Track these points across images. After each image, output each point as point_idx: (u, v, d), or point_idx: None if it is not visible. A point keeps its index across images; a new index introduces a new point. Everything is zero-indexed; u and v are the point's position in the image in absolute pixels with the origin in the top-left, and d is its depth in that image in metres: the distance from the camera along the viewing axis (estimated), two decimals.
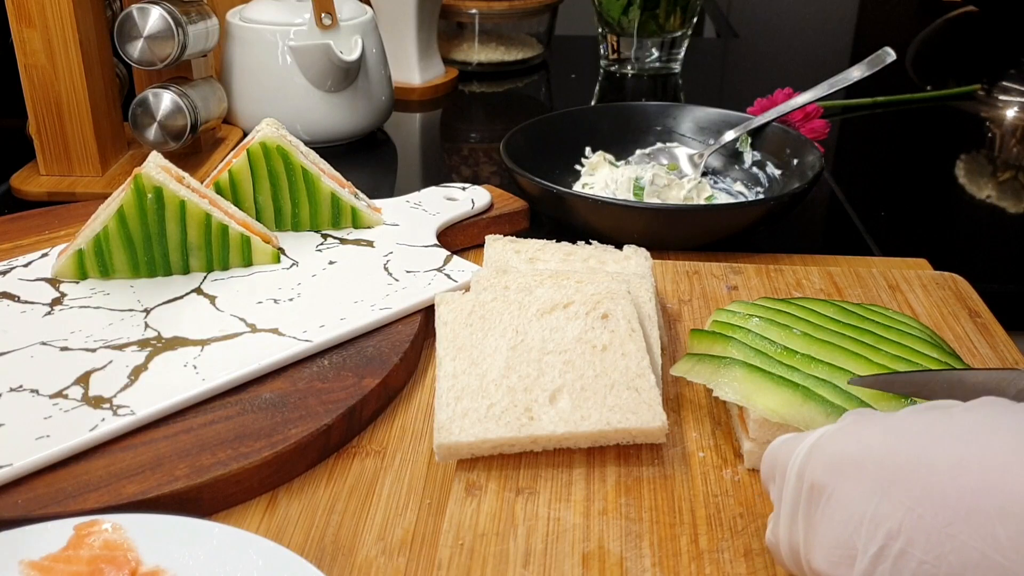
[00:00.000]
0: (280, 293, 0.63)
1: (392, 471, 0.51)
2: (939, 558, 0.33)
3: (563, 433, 0.48)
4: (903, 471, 0.35)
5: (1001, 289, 0.74)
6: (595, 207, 0.73)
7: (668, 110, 0.92)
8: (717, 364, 0.51)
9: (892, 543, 0.34)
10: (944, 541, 0.32)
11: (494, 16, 1.28)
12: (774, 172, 0.85)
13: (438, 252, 0.69)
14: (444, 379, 0.52)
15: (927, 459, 0.34)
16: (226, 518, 0.47)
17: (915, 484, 0.34)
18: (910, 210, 0.90)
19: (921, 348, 0.53)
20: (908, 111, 1.19)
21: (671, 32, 1.28)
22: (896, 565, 0.34)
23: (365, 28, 0.98)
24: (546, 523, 0.45)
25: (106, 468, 0.48)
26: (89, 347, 0.57)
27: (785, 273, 0.69)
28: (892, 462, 0.35)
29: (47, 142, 0.84)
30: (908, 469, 0.34)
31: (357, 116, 0.99)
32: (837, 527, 0.36)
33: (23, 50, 0.80)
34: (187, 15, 0.85)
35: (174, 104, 0.85)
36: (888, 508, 0.34)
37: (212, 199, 0.66)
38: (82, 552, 0.42)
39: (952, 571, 0.32)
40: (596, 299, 0.56)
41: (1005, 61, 1.32)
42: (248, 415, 0.52)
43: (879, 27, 1.71)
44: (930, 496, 0.33)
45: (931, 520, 0.33)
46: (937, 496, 0.33)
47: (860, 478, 0.36)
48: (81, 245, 0.64)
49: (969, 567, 0.32)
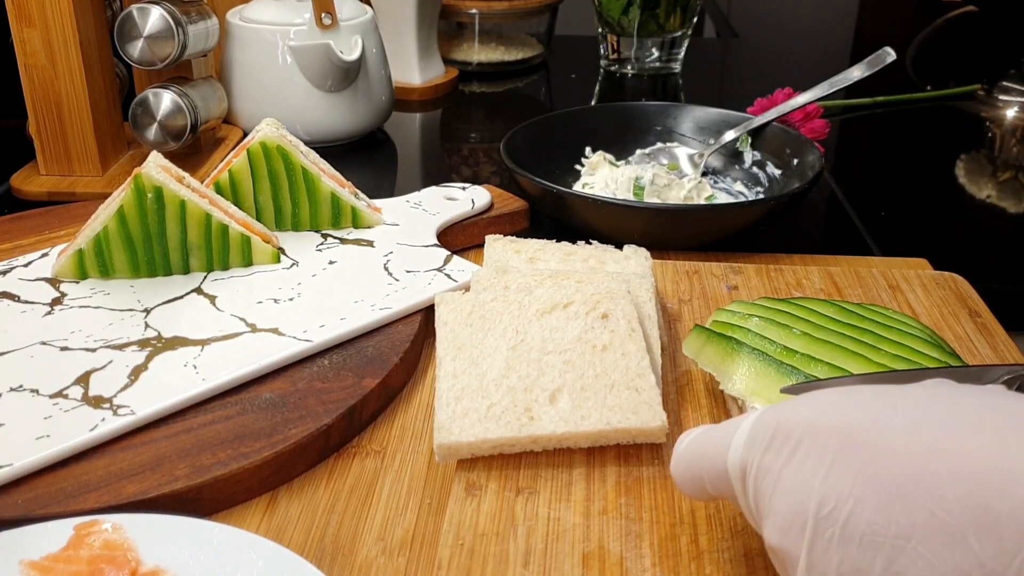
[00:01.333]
0: (280, 293, 0.63)
1: (392, 471, 0.51)
2: (888, 519, 0.33)
3: (563, 433, 0.48)
4: (856, 435, 0.35)
5: (1001, 289, 0.74)
6: (595, 207, 0.73)
7: (668, 110, 0.92)
8: (726, 348, 0.51)
9: (843, 505, 0.34)
10: (894, 502, 0.33)
11: (494, 16, 1.28)
12: (774, 172, 0.85)
13: (438, 252, 0.69)
14: (444, 379, 0.52)
15: (881, 426, 0.34)
16: (226, 518, 0.47)
17: (868, 447, 0.34)
18: (910, 210, 0.90)
19: (921, 348, 0.53)
20: (908, 111, 1.19)
21: (671, 32, 1.28)
22: (846, 527, 0.34)
23: (365, 28, 0.98)
24: (546, 523, 0.45)
25: (106, 468, 0.48)
26: (89, 347, 0.57)
27: (785, 273, 0.69)
28: (846, 429, 0.35)
29: (47, 142, 0.84)
30: (861, 433, 0.34)
31: (357, 116, 0.99)
32: (788, 496, 0.36)
33: (23, 50, 0.80)
34: (187, 15, 0.85)
35: (174, 104, 0.85)
36: (840, 471, 0.34)
37: (212, 199, 0.66)
38: (82, 552, 0.42)
39: (901, 531, 0.32)
40: (596, 299, 0.56)
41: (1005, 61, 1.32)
42: (248, 415, 0.52)
43: (879, 27, 1.71)
44: (882, 458, 0.33)
45: (882, 481, 0.33)
46: (889, 458, 0.33)
47: (812, 447, 0.35)
48: (81, 245, 0.64)
49: (918, 527, 0.32)
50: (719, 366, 0.52)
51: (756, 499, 0.38)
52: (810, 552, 0.35)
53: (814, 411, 0.37)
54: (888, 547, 0.33)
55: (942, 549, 0.32)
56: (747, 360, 0.51)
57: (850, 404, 0.36)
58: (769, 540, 0.37)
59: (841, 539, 0.34)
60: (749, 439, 0.38)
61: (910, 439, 0.33)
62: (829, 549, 0.34)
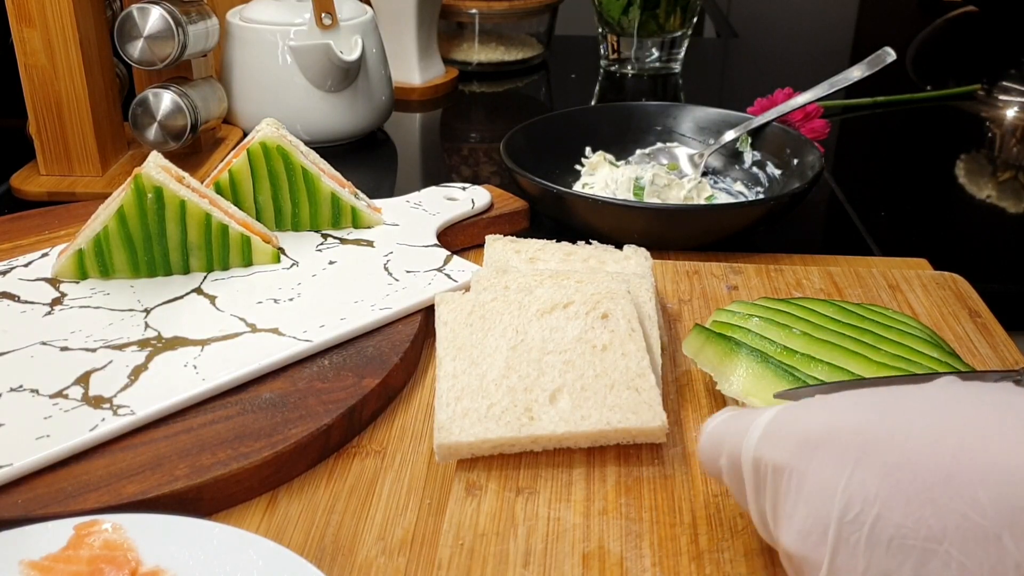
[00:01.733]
0: (280, 293, 0.63)
1: (392, 471, 0.51)
2: (918, 522, 0.32)
3: (563, 433, 0.48)
4: (879, 439, 0.34)
5: (1001, 289, 0.74)
6: (595, 207, 0.73)
7: (668, 110, 0.92)
8: (725, 348, 0.51)
9: (869, 509, 0.33)
10: (924, 505, 0.32)
11: (494, 16, 1.28)
12: (774, 172, 0.85)
13: (438, 252, 0.69)
14: (444, 379, 0.52)
15: (903, 427, 0.34)
16: (226, 518, 0.47)
17: (892, 451, 0.34)
18: (910, 210, 0.90)
19: (921, 348, 0.53)
20: (908, 111, 1.19)
21: (671, 32, 1.28)
22: (873, 530, 0.33)
23: (365, 28, 0.98)
24: (546, 523, 0.45)
25: (106, 468, 0.48)
26: (89, 347, 0.57)
27: (785, 273, 0.69)
28: (867, 431, 0.35)
29: (47, 142, 0.84)
30: (884, 437, 0.34)
31: (357, 116, 0.99)
32: (808, 502, 0.35)
33: (23, 50, 0.80)
34: (187, 15, 0.85)
35: (174, 104, 0.85)
36: (863, 475, 0.34)
37: (212, 199, 0.66)
38: (82, 552, 0.42)
39: (931, 534, 0.32)
40: (596, 299, 0.56)
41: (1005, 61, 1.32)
42: (248, 415, 0.52)
43: (879, 27, 1.71)
44: (908, 462, 0.33)
45: (909, 485, 0.33)
46: (915, 462, 0.33)
47: (832, 450, 0.35)
48: (81, 245, 0.64)
49: (949, 530, 0.32)
50: (717, 366, 0.52)
51: (774, 502, 0.37)
52: (833, 558, 0.34)
53: (832, 414, 0.36)
54: (919, 551, 0.32)
55: (976, 550, 0.31)
56: (745, 361, 0.51)
57: (868, 406, 0.36)
58: (787, 546, 0.36)
59: (868, 544, 0.33)
60: (764, 435, 0.38)
61: (934, 441, 0.33)
62: (855, 555, 0.34)
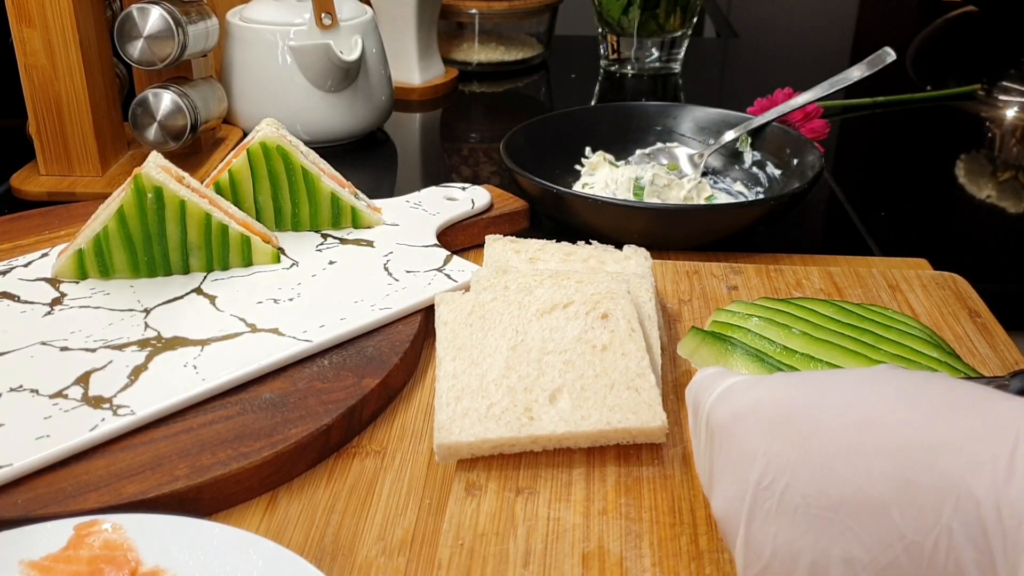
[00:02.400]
0: (280, 293, 0.63)
1: (392, 471, 0.51)
2: (820, 491, 0.33)
3: (563, 433, 0.48)
4: (796, 410, 0.35)
5: (1001, 289, 0.74)
6: (595, 207, 0.73)
7: (668, 110, 0.92)
8: (722, 348, 0.51)
9: (781, 477, 0.34)
10: (826, 475, 0.33)
11: (494, 16, 1.28)
12: (774, 172, 0.85)
13: (438, 252, 0.69)
14: (444, 379, 0.52)
15: (819, 400, 0.35)
16: (226, 518, 0.47)
17: (806, 421, 0.35)
18: (910, 210, 0.90)
19: (921, 348, 0.53)
20: (908, 111, 1.19)
21: (671, 32, 1.28)
22: (783, 498, 0.34)
23: (365, 28, 0.98)
24: (546, 523, 0.45)
25: (106, 468, 0.48)
26: (89, 347, 0.57)
27: (785, 273, 0.69)
28: (787, 403, 0.36)
29: (47, 142, 0.84)
30: (801, 408, 0.35)
31: (357, 116, 0.99)
32: (733, 468, 0.37)
33: (23, 50, 0.80)
34: (187, 15, 0.85)
35: (174, 104, 0.85)
36: (780, 445, 0.35)
37: (212, 199, 0.66)
38: (82, 552, 0.42)
39: (830, 503, 0.33)
40: (596, 299, 0.56)
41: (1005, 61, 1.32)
42: (248, 415, 0.52)
43: (879, 27, 1.71)
44: (817, 432, 0.34)
45: (816, 454, 0.34)
46: (824, 432, 0.34)
47: (757, 419, 0.36)
48: (81, 245, 0.64)
49: (846, 500, 0.32)
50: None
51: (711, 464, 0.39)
52: (749, 523, 0.35)
53: (767, 387, 0.38)
54: (819, 519, 0.33)
55: (867, 521, 0.32)
56: (741, 361, 0.51)
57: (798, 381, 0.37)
58: (715, 510, 0.38)
59: (778, 511, 0.34)
60: (719, 398, 0.39)
61: (843, 414, 0.34)
62: (767, 521, 0.35)
